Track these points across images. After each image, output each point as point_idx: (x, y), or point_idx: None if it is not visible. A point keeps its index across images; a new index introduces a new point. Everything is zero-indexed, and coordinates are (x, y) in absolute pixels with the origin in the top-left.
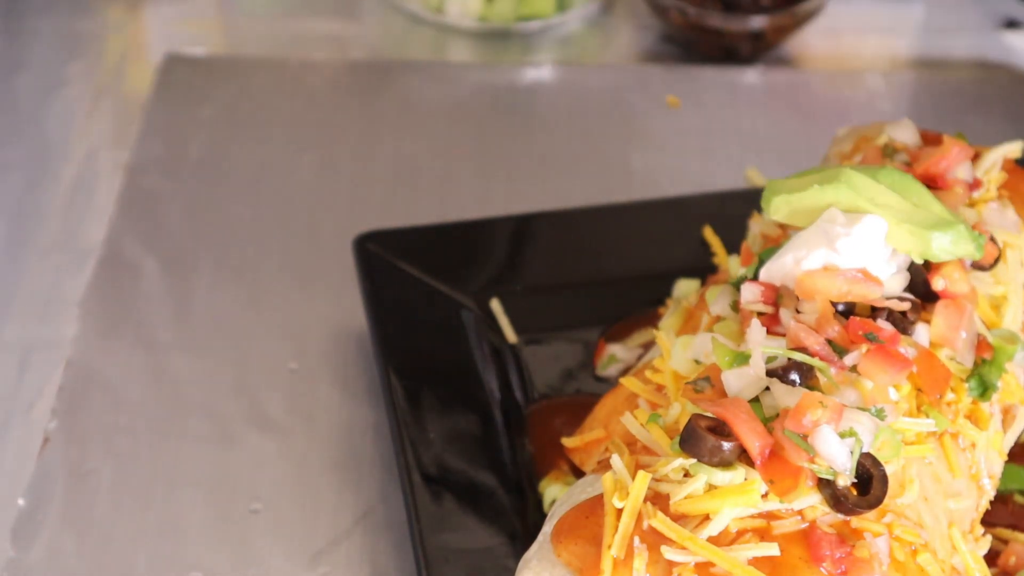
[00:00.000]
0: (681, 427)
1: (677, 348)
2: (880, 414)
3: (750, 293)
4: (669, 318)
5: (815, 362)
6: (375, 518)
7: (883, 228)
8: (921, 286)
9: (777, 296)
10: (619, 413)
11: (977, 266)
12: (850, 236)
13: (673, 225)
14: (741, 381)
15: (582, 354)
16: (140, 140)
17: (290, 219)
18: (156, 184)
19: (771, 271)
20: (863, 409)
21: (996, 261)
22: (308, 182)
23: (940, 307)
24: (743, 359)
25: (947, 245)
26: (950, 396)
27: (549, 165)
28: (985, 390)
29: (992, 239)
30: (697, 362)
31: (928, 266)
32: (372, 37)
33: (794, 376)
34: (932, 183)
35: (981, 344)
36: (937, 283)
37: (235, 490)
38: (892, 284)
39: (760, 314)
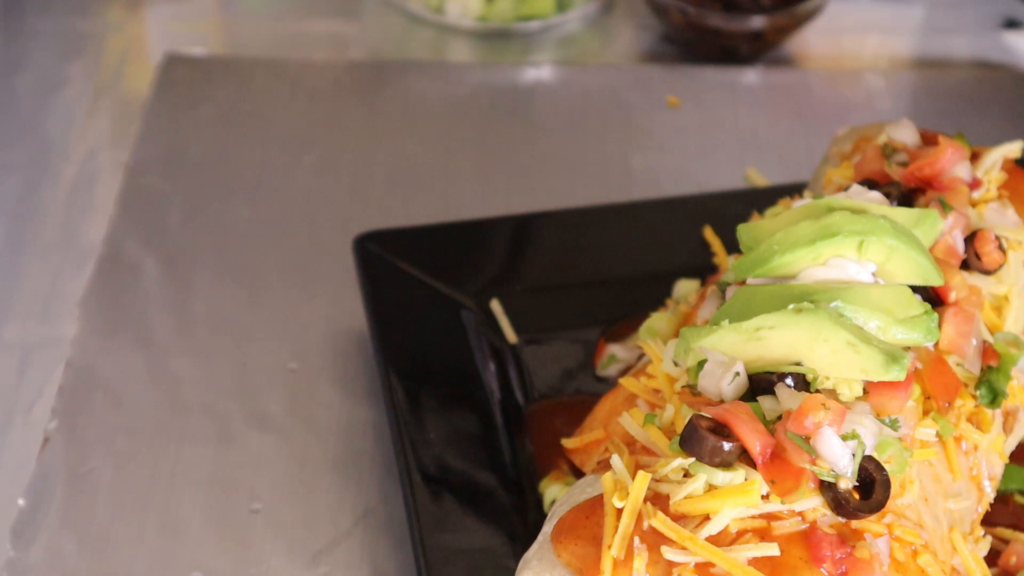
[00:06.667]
0: (678, 427)
1: (668, 351)
2: (894, 425)
3: None
4: (655, 321)
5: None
6: (375, 518)
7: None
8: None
9: None
10: (619, 413)
11: (981, 270)
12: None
13: (673, 225)
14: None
15: (582, 354)
16: (140, 140)
17: (290, 219)
18: (156, 184)
19: None
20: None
21: (1000, 267)
22: (308, 182)
23: (950, 314)
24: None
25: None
26: (959, 403)
27: (549, 165)
28: (995, 397)
29: (1000, 246)
30: (676, 364)
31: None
32: (372, 37)
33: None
34: (928, 184)
35: (986, 350)
36: (951, 296)
37: (235, 490)
38: None
39: None
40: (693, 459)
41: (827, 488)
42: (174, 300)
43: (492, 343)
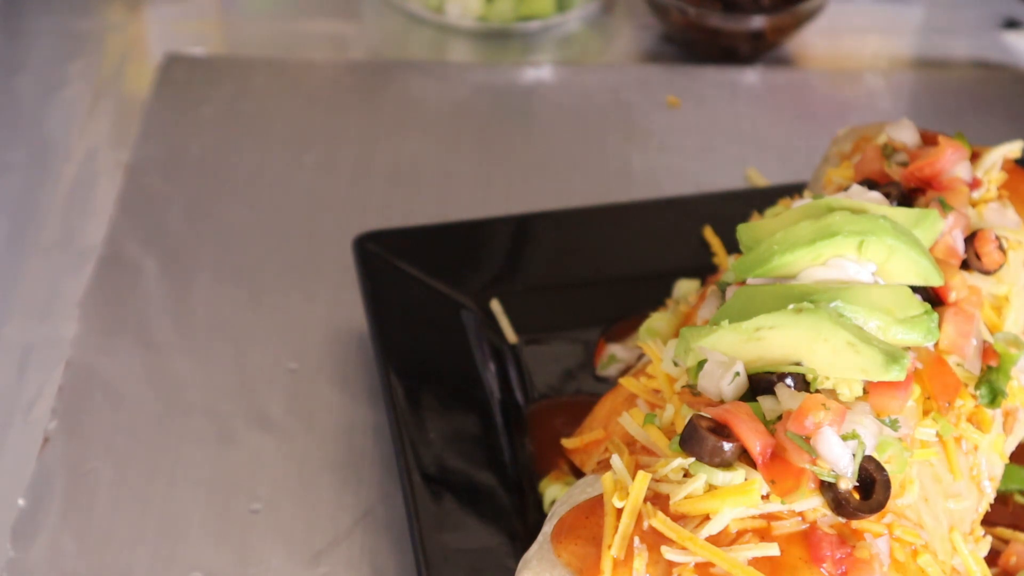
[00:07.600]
0: (678, 427)
1: (668, 351)
2: (894, 425)
3: None
4: (655, 321)
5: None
6: (375, 518)
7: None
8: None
9: None
10: (619, 413)
11: (981, 270)
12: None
13: (673, 225)
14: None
15: (582, 354)
16: (140, 140)
17: (290, 219)
18: (156, 184)
19: None
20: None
21: (1000, 267)
22: (308, 182)
23: (950, 314)
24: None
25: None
26: (959, 403)
27: (549, 165)
28: (995, 397)
29: (1000, 246)
30: (676, 364)
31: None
32: (372, 37)
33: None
34: (928, 184)
35: (986, 350)
36: (951, 296)
37: (235, 490)
38: None
39: None
40: (693, 459)
41: (827, 488)
42: (174, 300)
43: (492, 343)
